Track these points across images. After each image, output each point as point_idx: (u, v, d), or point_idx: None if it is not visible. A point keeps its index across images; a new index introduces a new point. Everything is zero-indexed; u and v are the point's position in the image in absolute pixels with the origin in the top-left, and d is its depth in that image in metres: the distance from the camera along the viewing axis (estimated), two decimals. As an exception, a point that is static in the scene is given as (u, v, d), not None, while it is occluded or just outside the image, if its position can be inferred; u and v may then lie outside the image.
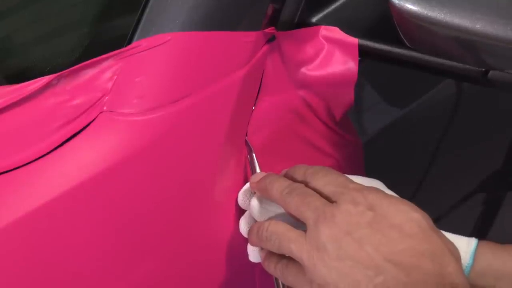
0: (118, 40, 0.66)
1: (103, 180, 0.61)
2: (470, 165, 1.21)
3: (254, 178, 0.70)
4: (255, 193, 0.71)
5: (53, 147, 0.62)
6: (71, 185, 0.60)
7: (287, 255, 0.64)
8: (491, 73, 0.72)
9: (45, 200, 0.59)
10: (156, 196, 0.65)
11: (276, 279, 0.71)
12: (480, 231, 1.34)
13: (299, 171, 0.68)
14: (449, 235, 0.69)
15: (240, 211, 0.73)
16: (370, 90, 0.96)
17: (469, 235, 0.70)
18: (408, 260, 0.57)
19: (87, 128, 0.63)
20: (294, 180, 0.68)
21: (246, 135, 0.74)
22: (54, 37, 0.76)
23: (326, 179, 0.65)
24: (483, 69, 0.72)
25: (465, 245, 0.69)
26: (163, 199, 0.66)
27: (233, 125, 0.70)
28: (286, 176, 0.69)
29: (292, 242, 0.62)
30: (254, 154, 0.73)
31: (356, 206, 0.61)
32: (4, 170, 0.61)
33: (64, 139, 0.62)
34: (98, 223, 0.62)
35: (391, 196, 0.63)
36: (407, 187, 1.11)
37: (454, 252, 0.61)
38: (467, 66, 0.73)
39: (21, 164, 0.61)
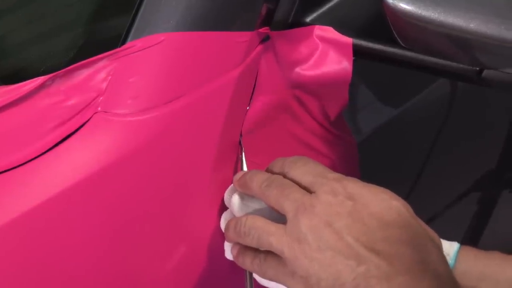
0: (113, 40, 0.66)
1: (98, 180, 0.61)
2: (465, 164, 1.21)
3: (237, 176, 0.70)
4: None
5: (48, 147, 0.62)
6: (66, 185, 0.60)
7: (266, 249, 0.63)
8: (485, 72, 0.72)
9: (41, 200, 0.59)
10: (150, 196, 0.65)
11: (249, 275, 0.70)
12: (475, 230, 1.34)
13: (278, 163, 0.68)
14: None
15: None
16: (364, 89, 0.96)
17: (464, 233, 0.71)
18: (389, 248, 0.57)
19: (82, 129, 0.63)
20: (273, 172, 0.67)
21: (241, 135, 0.74)
22: (49, 37, 0.76)
23: (304, 169, 0.65)
24: (478, 68, 0.72)
25: (448, 247, 0.69)
26: (157, 199, 0.66)
27: (227, 125, 0.70)
28: (267, 170, 0.69)
29: (272, 235, 0.62)
30: (243, 154, 0.73)
31: (335, 196, 0.61)
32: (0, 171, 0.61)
33: (59, 139, 0.62)
34: (93, 223, 0.62)
35: (370, 185, 0.62)
36: (402, 186, 1.11)
37: (435, 240, 0.61)
38: (462, 65, 0.73)
39: (16, 165, 0.61)
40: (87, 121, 0.63)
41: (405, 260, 0.57)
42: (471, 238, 1.34)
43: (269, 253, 0.63)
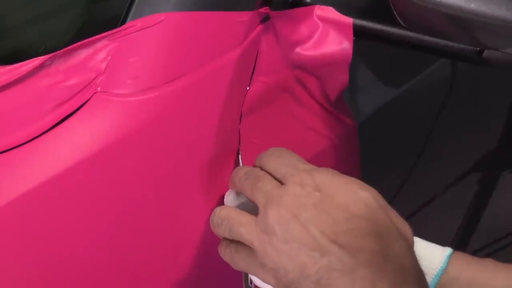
0: (112, 20, 0.66)
1: (97, 161, 0.61)
2: (466, 145, 1.21)
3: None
4: None
5: (47, 128, 0.62)
6: (65, 165, 0.60)
7: (237, 240, 0.63)
8: (486, 52, 0.71)
9: (40, 181, 0.59)
10: (151, 176, 0.65)
11: (245, 274, 0.70)
12: (475, 210, 1.34)
13: (259, 156, 0.68)
14: (424, 244, 0.70)
15: None
16: (364, 70, 0.95)
17: (464, 214, 0.71)
18: (353, 241, 0.56)
19: (81, 109, 0.63)
20: (255, 166, 0.67)
21: (240, 118, 0.73)
22: (48, 17, 0.75)
23: (278, 161, 0.65)
24: (478, 48, 0.72)
25: (440, 251, 0.69)
26: (158, 179, 0.66)
27: (227, 105, 0.70)
28: (253, 165, 0.69)
29: (243, 226, 0.61)
30: (240, 154, 0.73)
31: (303, 187, 0.60)
32: (-2, 152, 0.61)
33: (58, 120, 0.62)
34: (92, 204, 0.62)
35: (341, 176, 0.62)
36: (403, 167, 1.11)
37: (404, 231, 0.60)
38: (462, 45, 0.72)
39: (14, 146, 0.61)
40: (86, 101, 0.63)
41: (368, 253, 0.56)
42: (471, 219, 1.34)
43: (240, 243, 0.63)
